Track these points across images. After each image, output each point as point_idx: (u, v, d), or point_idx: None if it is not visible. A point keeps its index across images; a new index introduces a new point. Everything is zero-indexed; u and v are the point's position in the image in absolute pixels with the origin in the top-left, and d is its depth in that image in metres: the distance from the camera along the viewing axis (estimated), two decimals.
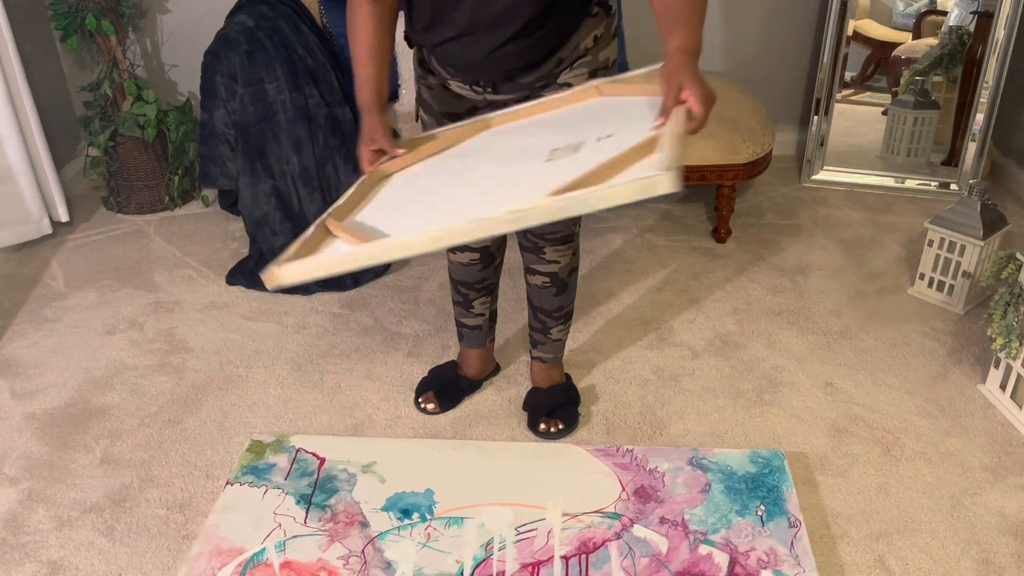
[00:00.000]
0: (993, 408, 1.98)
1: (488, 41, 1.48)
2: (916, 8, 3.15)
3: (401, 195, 1.46)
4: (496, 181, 1.35)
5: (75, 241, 2.82)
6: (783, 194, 3.09)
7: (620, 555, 1.56)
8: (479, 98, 1.63)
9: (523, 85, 1.58)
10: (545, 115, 1.56)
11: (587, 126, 1.45)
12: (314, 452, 1.83)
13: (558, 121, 1.51)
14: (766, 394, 2.04)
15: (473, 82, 1.59)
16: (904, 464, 1.81)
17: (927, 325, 2.31)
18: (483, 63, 1.52)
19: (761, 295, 2.45)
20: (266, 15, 2.65)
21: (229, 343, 2.26)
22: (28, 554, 1.61)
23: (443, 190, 1.40)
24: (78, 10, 2.78)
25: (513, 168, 1.39)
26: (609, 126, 1.41)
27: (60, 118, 3.09)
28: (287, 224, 2.65)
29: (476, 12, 1.43)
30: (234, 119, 2.62)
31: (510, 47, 1.48)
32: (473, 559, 1.56)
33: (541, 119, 1.55)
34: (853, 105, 3.22)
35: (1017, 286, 1.93)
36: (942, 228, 2.35)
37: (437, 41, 1.52)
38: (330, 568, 1.54)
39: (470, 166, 1.46)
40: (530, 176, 1.33)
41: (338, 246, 1.39)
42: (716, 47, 3.22)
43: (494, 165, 1.42)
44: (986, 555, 1.59)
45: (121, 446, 1.89)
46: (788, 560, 1.54)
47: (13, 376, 2.14)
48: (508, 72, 1.55)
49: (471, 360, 2.03)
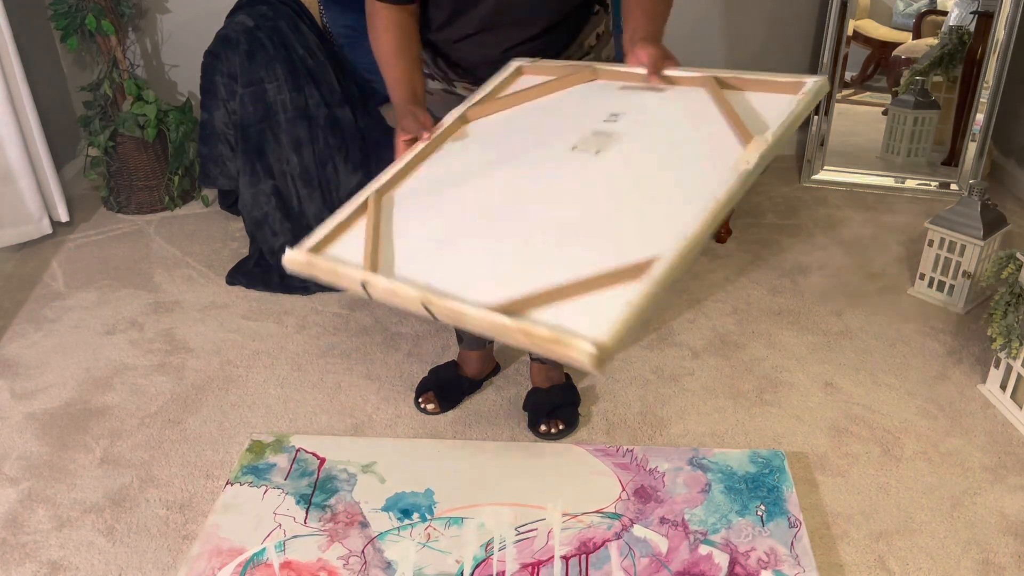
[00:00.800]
0: (993, 408, 1.98)
1: (507, 37, 1.48)
2: (916, 8, 3.15)
3: (439, 204, 1.46)
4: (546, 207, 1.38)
5: (75, 241, 2.82)
6: (783, 194, 3.09)
7: (620, 555, 1.56)
8: None
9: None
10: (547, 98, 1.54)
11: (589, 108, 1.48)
12: (314, 452, 1.83)
13: (564, 106, 1.51)
14: (766, 394, 2.04)
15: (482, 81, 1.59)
16: (904, 464, 1.81)
17: (927, 325, 2.31)
18: (497, 60, 1.52)
19: (761, 295, 2.45)
20: (266, 15, 2.65)
21: (229, 343, 2.26)
22: (28, 554, 1.61)
23: (487, 214, 1.41)
24: (78, 10, 2.78)
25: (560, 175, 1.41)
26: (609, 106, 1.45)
27: (60, 118, 3.09)
28: (287, 224, 2.65)
29: (499, 8, 1.43)
30: (234, 119, 2.62)
31: (527, 45, 1.49)
32: (473, 559, 1.56)
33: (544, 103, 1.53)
34: (853, 105, 3.22)
35: (1017, 286, 1.93)
36: (942, 228, 2.35)
37: (455, 38, 1.52)
38: (330, 568, 1.54)
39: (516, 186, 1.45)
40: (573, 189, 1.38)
41: (356, 274, 1.38)
42: (716, 47, 3.22)
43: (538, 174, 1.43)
44: (986, 555, 1.59)
45: (121, 446, 1.89)
46: (788, 560, 1.54)
47: (13, 376, 2.14)
48: None
49: (471, 360, 2.03)
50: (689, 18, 3.16)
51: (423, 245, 1.40)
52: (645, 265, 1.21)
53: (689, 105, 1.43)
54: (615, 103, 1.45)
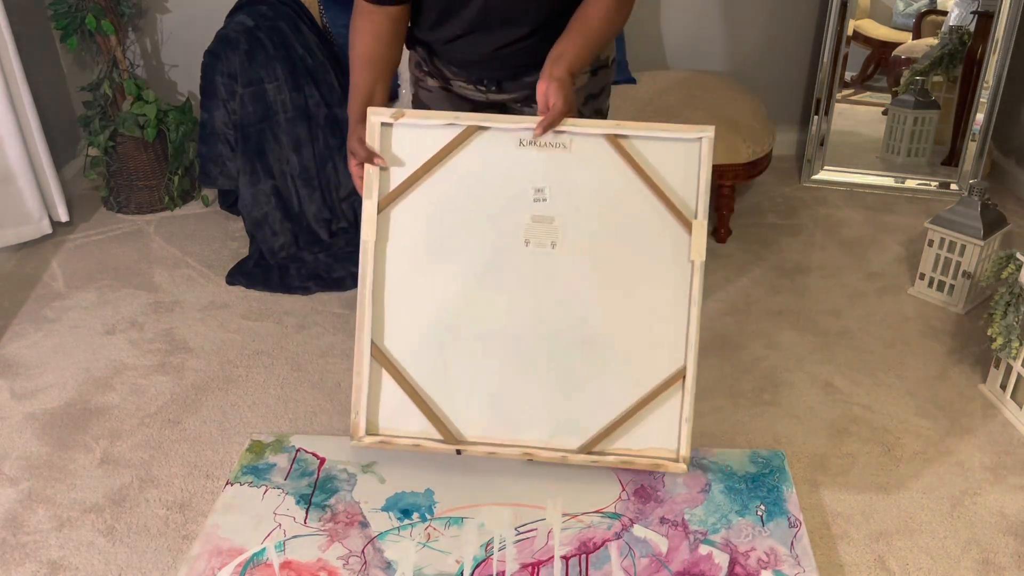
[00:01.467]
0: (993, 408, 1.98)
1: (497, 37, 1.47)
2: (916, 8, 3.15)
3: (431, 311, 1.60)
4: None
5: (75, 241, 2.82)
6: (783, 194, 3.09)
7: (620, 555, 1.56)
8: (482, 98, 1.62)
9: (528, 84, 1.57)
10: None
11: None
12: (314, 452, 1.83)
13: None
14: (766, 394, 2.04)
15: (477, 80, 1.59)
16: (904, 464, 1.81)
17: (927, 325, 2.31)
18: (490, 59, 1.52)
19: (761, 295, 2.45)
20: (266, 15, 2.66)
21: (229, 343, 2.26)
22: (28, 554, 1.61)
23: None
24: (78, 10, 2.78)
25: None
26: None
27: (60, 118, 3.09)
28: (287, 224, 2.65)
29: (488, 9, 1.43)
30: (234, 119, 2.62)
31: (518, 44, 1.48)
32: (473, 559, 1.56)
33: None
34: (853, 105, 3.22)
35: (1017, 286, 1.93)
36: (942, 228, 2.35)
37: (445, 38, 1.51)
38: (330, 568, 1.54)
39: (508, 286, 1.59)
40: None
41: (444, 447, 1.66)
42: (716, 47, 3.22)
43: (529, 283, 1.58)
44: (986, 555, 1.59)
45: (121, 446, 1.89)
46: (788, 560, 1.54)
47: (13, 376, 2.14)
48: (514, 70, 1.55)
49: None
50: (689, 18, 3.16)
51: (467, 402, 1.61)
52: (676, 377, 1.55)
53: (605, 174, 1.51)
54: (529, 171, 1.50)
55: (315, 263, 2.59)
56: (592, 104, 1.65)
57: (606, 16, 1.40)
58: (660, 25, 3.19)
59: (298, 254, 2.64)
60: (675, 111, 2.67)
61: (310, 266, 2.57)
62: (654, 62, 3.23)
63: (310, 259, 2.61)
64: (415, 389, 1.58)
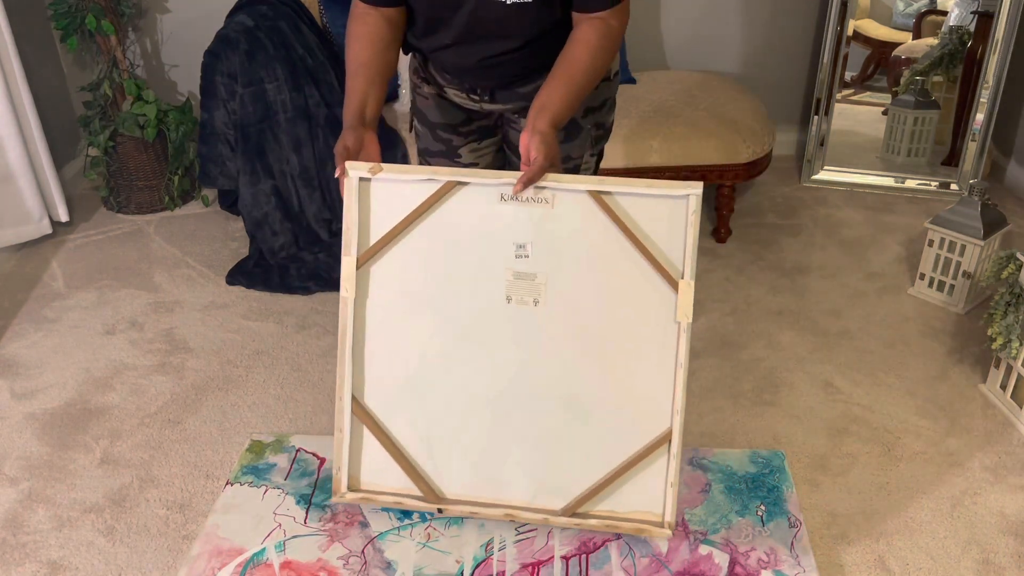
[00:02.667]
0: (993, 408, 1.98)
1: (484, 49, 1.45)
2: (916, 8, 3.15)
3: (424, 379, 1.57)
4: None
5: (75, 241, 2.82)
6: (783, 194, 3.09)
7: (620, 555, 1.56)
8: (475, 107, 1.61)
9: (521, 95, 1.56)
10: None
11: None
12: (314, 452, 1.83)
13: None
14: (766, 394, 2.04)
15: (470, 89, 1.58)
16: (904, 464, 1.81)
17: (927, 325, 2.31)
18: (477, 70, 1.51)
19: (761, 295, 2.45)
20: (266, 15, 2.65)
21: (229, 343, 2.26)
22: (28, 554, 1.61)
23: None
24: (78, 10, 2.78)
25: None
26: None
27: (60, 118, 3.09)
28: (287, 224, 2.65)
29: (470, 25, 1.41)
30: (234, 119, 2.62)
31: (507, 56, 1.47)
32: (473, 559, 1.56)
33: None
34: (853, 105, 3.22)
35: (1017, 286, 1.93)
36: (942, 228, 2.35)
37: (434, 47, 1.50)
38: (330, 568, 1.54)
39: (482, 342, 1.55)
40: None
41: (426, 505, 1.61)
42: (716, 47, 3.22)
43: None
44: (986, 555, 1.59)
45: (121, 446, 1.89)
46: (788, 560, 1.55)
47: (13, 376, 2.14)
48: (505, 80, 1.54)
49: None
50: (689, 18, 3.17)
51: (449, 459, 1.57)
52: (662, 440, 1.50)
53: (589, 231, 1.47)
54: (511, 227, 1.48)
55: (315, 263, 2.59)
56: (593, 117, 1.61)
57: (590, 59, 1.38)
58: (660, 25, 3.19)
59: (298, 254, 2.64)
60: (675, 111, 2.67)
61: (310, 266, 2.58)
62: (654, 62, 3.23)
63: (310, 259, 2.61)
64: (396, 446, 1.56)
